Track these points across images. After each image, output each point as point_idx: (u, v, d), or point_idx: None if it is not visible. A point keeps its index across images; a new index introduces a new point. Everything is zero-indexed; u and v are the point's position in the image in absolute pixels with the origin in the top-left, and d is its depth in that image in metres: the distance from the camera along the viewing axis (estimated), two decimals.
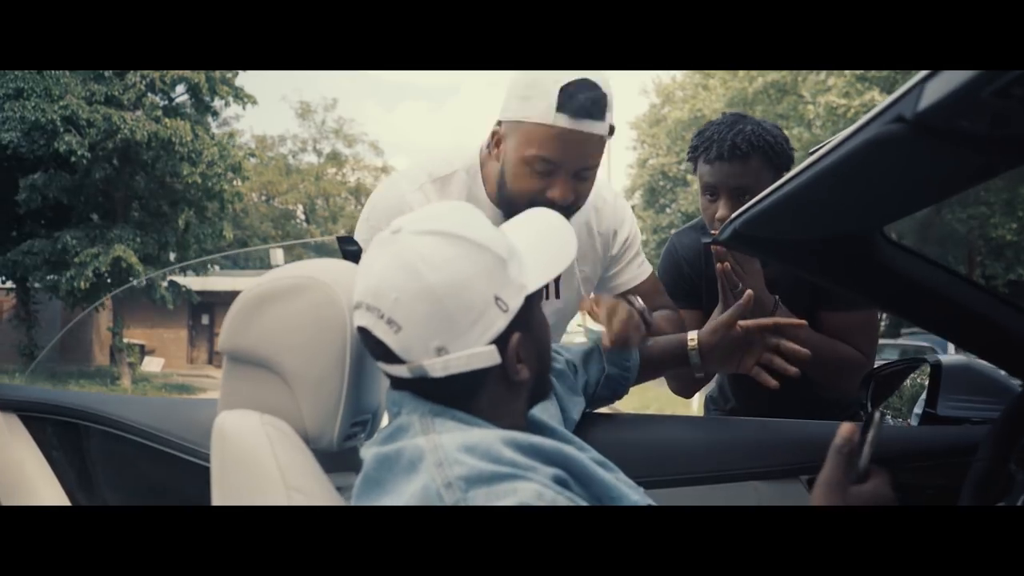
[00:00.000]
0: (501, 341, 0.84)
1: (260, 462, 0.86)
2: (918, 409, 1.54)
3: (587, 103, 1.27)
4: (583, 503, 0.79)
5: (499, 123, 1.37)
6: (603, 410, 1.41)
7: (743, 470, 1.31)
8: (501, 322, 0.84)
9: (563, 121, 1.27)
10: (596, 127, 1.30)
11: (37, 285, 14.61)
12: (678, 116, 20.99)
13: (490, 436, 0.80)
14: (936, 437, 1.36)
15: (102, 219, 14.70)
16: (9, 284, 15.30)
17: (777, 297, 1.55)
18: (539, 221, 1.02)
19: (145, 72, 13.47)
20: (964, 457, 1.14)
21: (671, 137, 21.48)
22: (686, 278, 1.79)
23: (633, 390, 1.39)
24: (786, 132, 1.68)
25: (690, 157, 1.67)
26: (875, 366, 1.63)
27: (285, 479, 0.85)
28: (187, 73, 13.94)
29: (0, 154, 13.18)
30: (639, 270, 1.60)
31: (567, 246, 0.97)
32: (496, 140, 1.39)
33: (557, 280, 1.54)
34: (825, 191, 1.01)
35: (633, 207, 1.88)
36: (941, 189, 1.04)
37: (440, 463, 0.76)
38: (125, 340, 15.34)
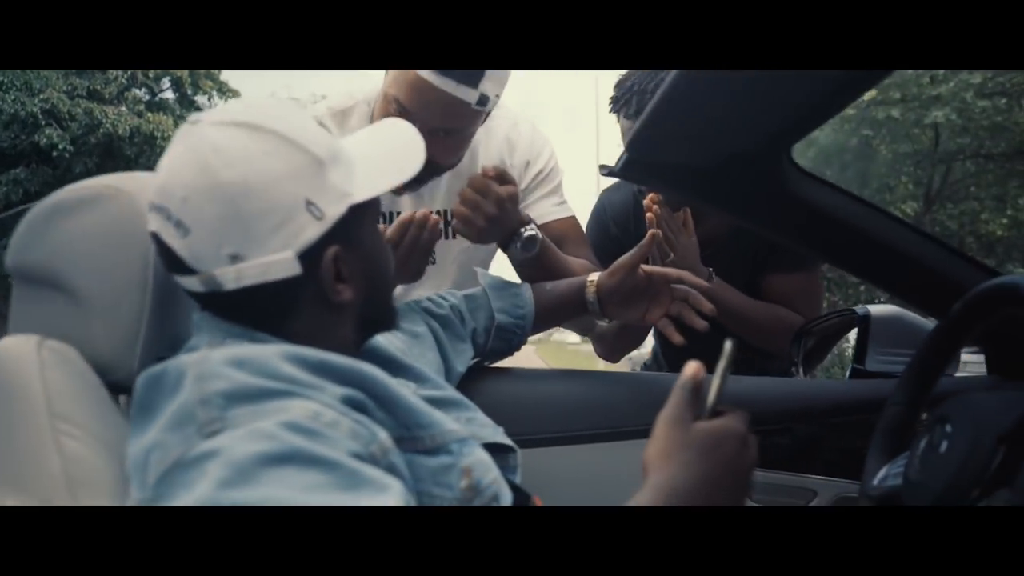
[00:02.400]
0: (314, 253, 0.72)
1: (26, 388, 0.74)
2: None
3: None
4: (376, 427, 0.68)
5: None
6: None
7: (640, 427, 1.20)
8: (312, 230, 0.72)
9: (425, 71, 1.17)
10: (460, 91, 1.19)
11: None
12: None
13: (269, 350, 0.68)
14: (856, 391, 1.25)
15: None
16: None
17: (711, 269, 1.45)
18: (388, 132, 0.91)
19: None
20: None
21: None
22: (613, 239, 1.68)
23: None
24: None
25: (611, 110, 1.56)
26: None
27: (51, 407, 0.73)
28: None
29: None
30: (554, 208, 1.47)
31: (411, 161, 0.85)
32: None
33: None
34: (712, 99, 0.90)
35: None
36: (845, 90, 0.93)
37: (200, 377, 0.65)
38: None
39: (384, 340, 0.92)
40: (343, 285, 0.76)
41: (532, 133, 1.47)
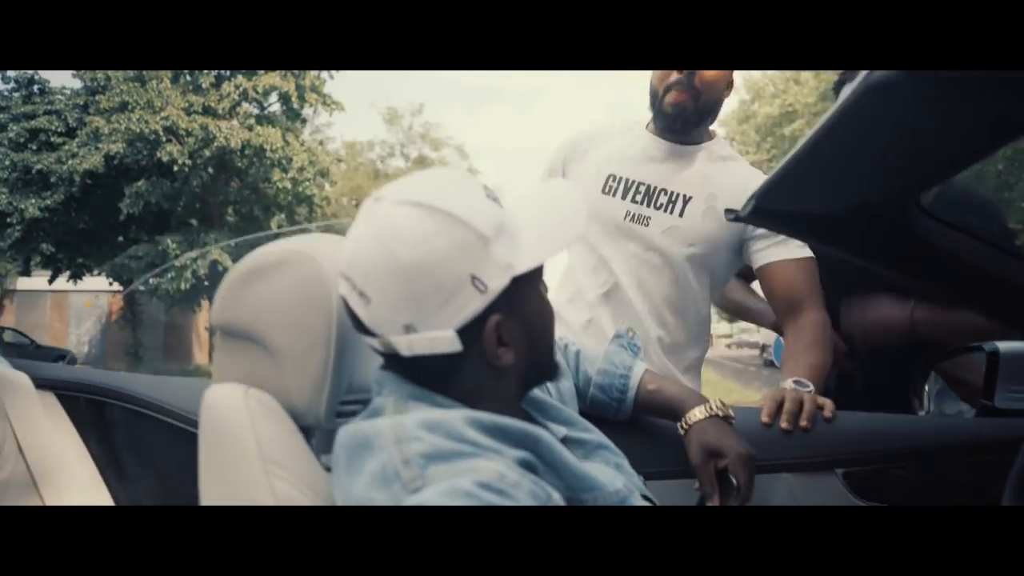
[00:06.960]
0: (478, 323, 0.80)
1: (239, 435, 0.85)
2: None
3: None
4: (550, 488, 0.75)
5: None
6: None
7: (773, 461, 1.24)
8: (477, 303, 0.78)
9: None
10: None
11: (142, 288, 15.43)
12: (768, 112, 20.38)
13: (453, 415, 0.76)
14: (984, 429, 1.25)
15: (200, 224, 15.42)
16: (116, 287, 16.22)
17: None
18: (547, 195, 0.94)
19: (239, 82, 14.05)
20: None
21: (760, 134, 20.85)
22: None
23: None
24: None
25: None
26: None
27: (263, 452, 0.84)
28: (278, 82, 14.45)
29: (108, 164, 13.99)
30: (792, 250, 1.53)
31: (571, 225, 0.88)
32: None
33: (686, 202, 1.57)
34: (838, 152, 0.94)
35: None
36: (974, 145, 0.95)
37: (399, 440, 0.74)
38: None
39: None
40: (504, 349, 0.82)
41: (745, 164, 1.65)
